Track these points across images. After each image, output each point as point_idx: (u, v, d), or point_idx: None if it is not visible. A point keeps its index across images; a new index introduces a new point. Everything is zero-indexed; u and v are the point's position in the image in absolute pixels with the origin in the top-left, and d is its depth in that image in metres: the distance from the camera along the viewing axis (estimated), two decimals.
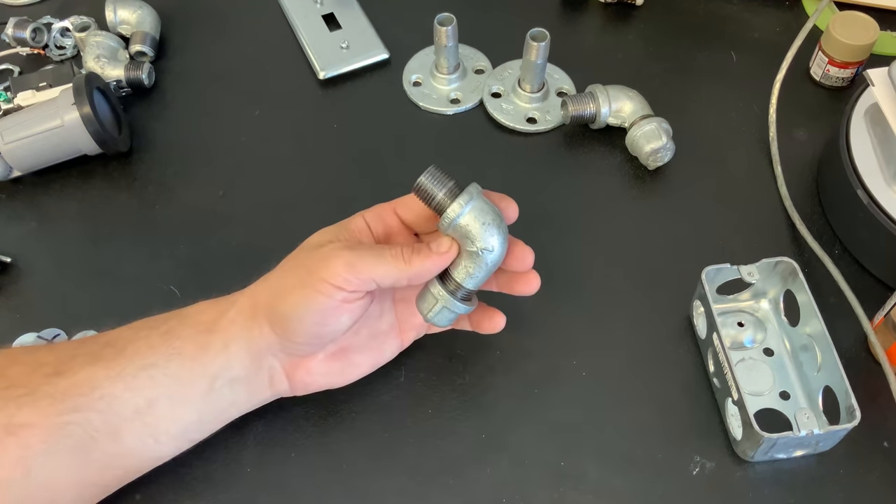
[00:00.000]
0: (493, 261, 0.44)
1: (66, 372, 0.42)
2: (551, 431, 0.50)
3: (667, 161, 0.61)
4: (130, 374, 0.43)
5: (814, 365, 0.50)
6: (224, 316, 0.45)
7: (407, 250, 0.43)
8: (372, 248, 0.44)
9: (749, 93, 0.66)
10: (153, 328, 0.45)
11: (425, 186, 0.43)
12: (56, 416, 0.41)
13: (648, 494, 0.48)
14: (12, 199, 0.62)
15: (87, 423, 0.42)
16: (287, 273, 0.45)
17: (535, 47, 0.61)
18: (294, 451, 0.50)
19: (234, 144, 0.64)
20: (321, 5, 0.72)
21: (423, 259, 0.43)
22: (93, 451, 0.42)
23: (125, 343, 0.44)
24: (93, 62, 0.65)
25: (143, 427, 0.44)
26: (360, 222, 0.46)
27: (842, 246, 0.58)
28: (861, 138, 0.56)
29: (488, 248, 0.44)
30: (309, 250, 0.45)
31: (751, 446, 0.47)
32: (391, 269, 0.43)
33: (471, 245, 0.44)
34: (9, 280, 0.58)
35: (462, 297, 0.45)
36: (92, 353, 0.43)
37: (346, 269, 0.42)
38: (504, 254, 0.45)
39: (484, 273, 0.45)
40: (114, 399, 0.42)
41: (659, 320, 0.55)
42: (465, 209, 0.43)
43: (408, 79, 0.68)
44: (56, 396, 0.42)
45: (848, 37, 0.63)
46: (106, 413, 0.42)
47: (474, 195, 0.43)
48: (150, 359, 0.43)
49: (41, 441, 0.41)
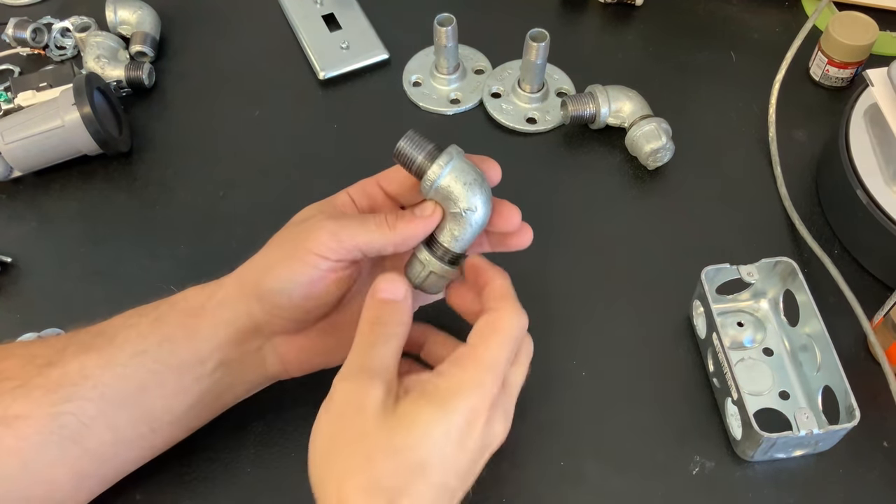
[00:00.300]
0: (477, 221, 0.43)
1: (58, 363, 0.43)
2: (551, 431, 0.50)
3: (666, 161, 0.61)
4: (121, 363, 0.43)
5: (813, 365, 0.50)
6: (212, 299, 0.45)
7: (391, 217, 0.43)
8: (355, 216, 0.44)
9: (749, 93, 0.66)
10: (143, 315, 0.45)
11: (405, 150, 0.43)
12: (49, 406, 0.41)
13: (648, 494, 0.48)
14: (12, 199, 0.62)
15: (81, 413, 0.42)
16: (272, 249, 0.45)
17: (534, 47, 0.61)
18: (294, 451, 0.50)
19: (234, 144, 0.64)
20: (321, 5, 0.72)
21: (406, 223, 0.43)
22: (88, 440, 0.42)
23: (115, 332, 0.44)
24: (93, 62, 0.65)
25: (138, 415, 0.43)
26: (345, 197, 0.46)
27: (841, 246, 0.58)
28: (860, 138, 0.56)
29: (471, 208, 0.43)
30: (293, 226, 0.45)
31: (750, 446, 0.47)
32: (376, 235, 0.42)
33: (454, 206, 0.43)
34: (9, 280, 0.58)
35: (450, 261, 0.44)
36: (83, 343, 0.44)
37: (331, 237, 0.42)
38: (489, 213, 0.44)
39: (470, 234, 0.44)
40: (106, 388, 0.42)
41: (659, 320, 0.55)
42: (445, 170, 0.42)
43: (408, 79, 0.68)
44: (49, 387, 0.42)
45: (847, 37, 0.63)
46: (99, 402, 0.42)
47: (454, 155, 0.43)
48: (140, 346, 0.43)
49: (36, 432, 0.41)
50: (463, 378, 0.39)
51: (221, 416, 0.51)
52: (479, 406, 0.39)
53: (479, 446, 0.40)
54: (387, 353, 0.40)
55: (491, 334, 0.40)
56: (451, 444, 0.38)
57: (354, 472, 0.37)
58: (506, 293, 0.42)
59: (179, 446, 0.50)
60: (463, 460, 0.39)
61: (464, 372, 0.39)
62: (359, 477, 0.37)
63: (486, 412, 0.39)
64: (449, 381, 0.39)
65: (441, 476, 0.38)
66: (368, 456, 0.37)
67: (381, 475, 0.37)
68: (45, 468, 0.42)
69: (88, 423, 0.42)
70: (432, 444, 0.38)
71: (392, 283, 0.42)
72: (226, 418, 0.51)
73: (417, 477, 0.37)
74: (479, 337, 0.41)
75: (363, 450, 0.38)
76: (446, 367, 0.40)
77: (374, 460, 0.37)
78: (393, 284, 0.42)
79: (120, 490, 0.48)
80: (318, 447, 0.40)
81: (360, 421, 0.38)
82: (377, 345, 0.41)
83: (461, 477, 0.39)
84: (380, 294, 0.42)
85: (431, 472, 0.38)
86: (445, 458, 0.38)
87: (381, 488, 0.37)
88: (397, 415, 0.38)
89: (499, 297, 0.42)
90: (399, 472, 0.37)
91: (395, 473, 0.37)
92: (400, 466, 0.37)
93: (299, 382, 0.52)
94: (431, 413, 0.38)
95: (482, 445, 0.40)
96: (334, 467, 0.38)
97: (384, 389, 0.39)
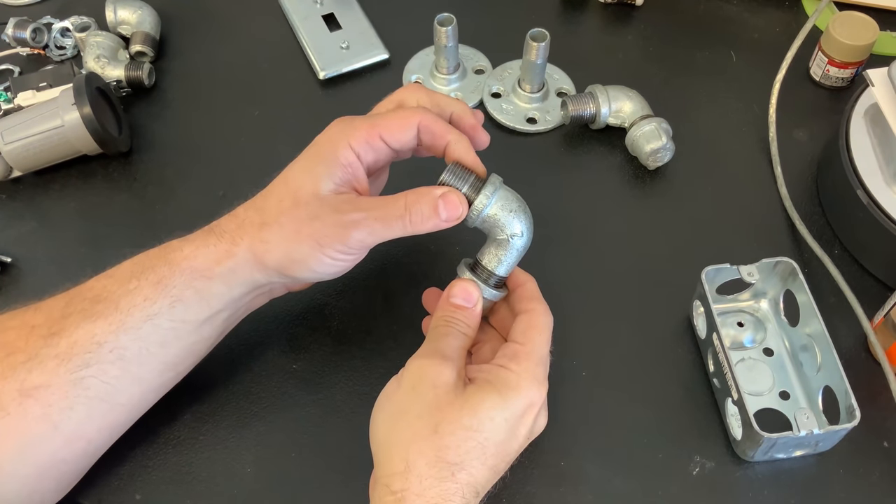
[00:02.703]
0: (522, 245, 0.46)
1: (62, 332, 0.43)
2: (551, 431, 0.50)
3: (667, 161, 0.61)
4: (133, 327, 0.44)
5: (814, 365, 0.50)
6: (221, 265, 0.45)
7: (416, 217, 0.44)
8: (380, 217, 0.44)
9: (749, 93, 0.66)
10: (140, 277, 0.45)
11: (449, 184, 0.45)
12: (68, 373, 0.43)
13: (648, 494, 0.48)
14: (12, 199, 0.62)
15: (103, 374, 0.43)
16: (293, 237, 0.44)
17: (535, 47, 0.61)
18: (294, 451, 0.50)
19: (234, 144, 0.64)
20: (321, 5, 0.72)
21: (424, 222, 0.44)
22: (117, 396, 0.44)
23: (117, 297, 0.44)
24: (93, 62, 0.65)
25: (162, 366, 0.46)
26: (351, 156, 0.46)
27: (841, 246, 0.58)
28: (861, 138, 0.56)
29: (517, 233, 0.46)
30: (311, 206, 0.44)
31: (751, 446, 0.47)
32: (396, 231, 0.45)
33: (500, 233, 0.46)
34: (9, 280, 0.58)
35: (495, 284, 0.47)
36: (84, 311, 0.44)
37: (358, 243, 0.44)
38: (531, 237, 0.47)
39: (515, 258, 0.47)
40: (124, 350, 0.44)
41: (659, 320, 0.55)
42: (491, 200, 0.45)
43: (408, 79, 0.68)
44: (61, 357, 0.43)
45: (848, 37, 0.63)
46: (119, 363, 0.44)
47: (498, 186, 0.45)
48: (149, 310, 0.44)
49: (60, 398, 0.42)
50: (521, 372, 0.43)
51: (221, 416, 0.51)
52: (536, 399, 0.44)
53: (527, 435, 0.44)
54: (457, 346, 0.45)
55: (534, 333, 0.45)
56: (508, 430, 0.42)
57: (422, 438, 0.41)
58: (537, 294, 0.47)
59: (179, 446, 0.50)
60: (513, 446, 0.43)
61: (521, 366, 0.44)
62: (425, 444, 0.41)
63: (538, 405, 0.44)
64: (509, 374, 0.43)
65: (494, 458, 0.42)
66: (436, 428, 0.41)
67: (446, 447, 0.41)
68: (76, 427, 0.43)
69: (113, 383, 0.44)
70: (494, 428, 0.42)
71: (466, 291, 0.46)
72: (226, 418, 0.51)
73: (478, 455, 0.41)
74: (524, 335, 0.45)
75: (433, 422, 0.41)
76: (505, 361, 0.44)
77: (442, 433, 0.41)
78: (466, 292, 0.46)
79: (120, 490, 0.48)
80: (388, 412, 0.43)
81: (433, 396, 0.42)
82: (449, 336, 0.45)
83: (507, 461, 0.44)
84: (453, 300, 0.46)
85: (488, 453, 0.42)
86: (500, 442, 0.42)
87: (444, 460, 0.40)
88: (465, 396, 0.42)
89: (532, 298, 0.47)
90: (462, 447, 0.41)
91: (458, 448, 0.41)
92: (463, 443, 0.41)
93: (300, 384, 0.53)
94: (496, 400, 0.42)
95: (528, 434, 0.44)
96: (404, 433, 0.42)
97: (455, 372, 0.43)
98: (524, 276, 0.48)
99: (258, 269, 0.45)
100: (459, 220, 0.45)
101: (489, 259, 0.46)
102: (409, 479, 0.40)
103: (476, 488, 0.41)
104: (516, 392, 0.43)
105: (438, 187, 0.45)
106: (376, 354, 0.53)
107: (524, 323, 0.46)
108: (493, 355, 0.46)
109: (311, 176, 0.45)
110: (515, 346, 0.45)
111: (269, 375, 0.53)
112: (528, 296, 0.47)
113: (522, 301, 0.47)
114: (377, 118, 0.47)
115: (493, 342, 0.49)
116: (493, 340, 0.49)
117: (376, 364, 0.53)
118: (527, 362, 0.44)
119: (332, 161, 0.45)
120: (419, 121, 0.46)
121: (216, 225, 0.47)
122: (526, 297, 0.47)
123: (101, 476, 0.47)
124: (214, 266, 0.45)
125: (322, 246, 0.44)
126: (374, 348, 0.54)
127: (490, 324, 0.50)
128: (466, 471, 0.41)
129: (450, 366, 0.43)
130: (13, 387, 0.42)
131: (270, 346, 0.53)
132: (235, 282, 0.46)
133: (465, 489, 0.41)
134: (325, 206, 0.44)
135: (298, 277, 0.46)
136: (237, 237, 0.45)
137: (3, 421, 0.42)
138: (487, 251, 0.47)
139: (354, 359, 0.53)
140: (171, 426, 0.50)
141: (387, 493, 0.40)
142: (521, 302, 0.47)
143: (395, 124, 0.46)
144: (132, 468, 0.49)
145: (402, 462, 0.41)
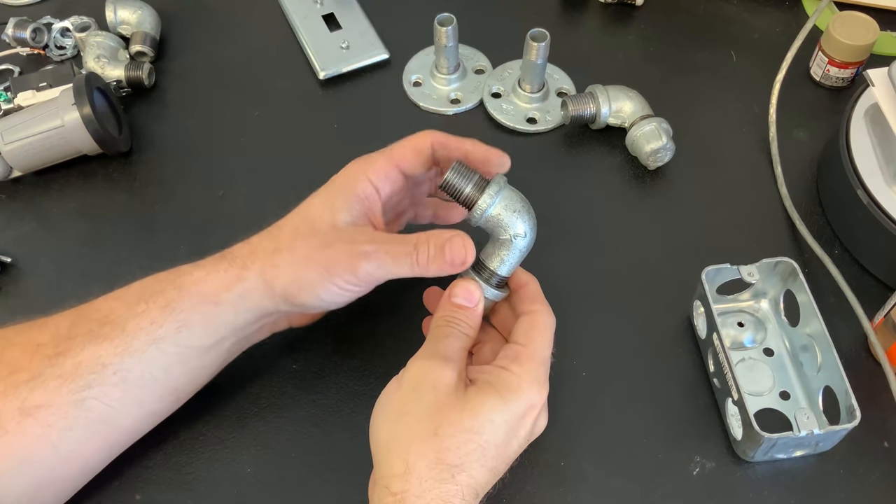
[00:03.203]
0: (525, 246, 0.46)
1: (68, 352, 0.43)
2: (551, 432, 0.50)
3: (667, 161, 0.61)
4: (139, 350, 0.44)
5: (814, 365, 0.50)
6: (231, 290, 0.45)
7: (423, 255, 0.44)
8: (390, 251, 0.44)
9: (749, 93, 0.66)
10: (149, 301, 0.45)
11: (453, 182, 0.45)
12: (70, 394, 0.43)
13: (648, 494, 0.48)
14: (12, 199, 0.62)
15: (104, 397, 0.43)
16: (303, 263, 0.45)
17: (535, 47, 0.61)
18: (294, 452, 0.50)
19: (234, 144, 0.64)
20: (321, 5, 0.72)
21: (439, 266, 0.45)
22: (118, 418, 0.44)
23: (124, 320, 0.44)
24: (93, 62, 0.65)
25: (163, 391, 0.46)
26: (368, 188, 0.47)
27: (842, 246, 0.58)
28: (861, 138, 0.56)
29: (520, 234, 0.46)
30: (326, 235, 0.45)
31: (751, 446, 0.47)
32: (405, 270, 0.45)
33: (503, 233, 0.46)
34: (9, 280, 0.58)
35: (497, 284, 0.47)
36: (91, 332, 0.44)
37: (367, 275, 0.44)
38: (534, 238, 0.47)
39: (517, 258, 0.47)
40: (128, 373, 0.44)
41: (659, 320, 0.55)
42: (495, 200, 0.45)
43: (408, 79, 0.68)
44: (65, 377, 0.43)
45: (848, 37, 0.63)
46: (122, 385, 0.44)
47: (502, 185, 0.45)
48: (155, 334, 0.44)
49: (61, 418, 0.42)
50: (522, 374, 0.43)
51: (221, 416, 0.51)
52: (537, 401, 0.44)
53: (526, 436, 0.44)
54: (458, 346, 0.45)
55: (536, 334, 0.45)
56: (509, 432, 0.43)
57: (423, 440, 0.41)
58: (539, 296, 0.47)
59: (179, 446, 0.50)
60: (513, 447, 0.43)
61: (522, 367, 0.44)
62: (425, 446, 0.41)
63: (539, 407, 0.44)
64: (510, 376, 0.43)
65: (494, 460, 0.42)
66: (437, 430, 0.41)
67: (446, 449, 0.41)
68: (75, 447, 0.43)
69: (115, 405, 0.44)
70: (494, 430, 0.42)
71: (467, 291, 0.46)
72: (226, 418, 0.51)
73: (478, 457, 0.41)
74: (526, 337, 0.45)
75: (433, 424, 0.41)
76: (506, 363, 0.44)
77: (443, 436, 0.41)
78: (468, 292, 0.46)
79: (120, 490, 0.48)
80: (388, 413, 0.43)
81: (433, 397, 0.42)
82: (450, 337, 0.45)
83: (507, 462, 0.44)
84: (454, 299, 0.46)
85: (488, 455, 0.42)
86: (500, 444, 0.42)
87: (444, 462, 0.40)
88: (466, 398, 0.42)
89: (534, 299, 0.47)
90: (462, 449, 0.41)
91: (459, 451, 0.41)
92: (464, 445, 0.41)
93: (300, 384, 0.53)
94: (496, 402, 0.42)
95: (528, 435, 0.45)
96: (404, 434, 0.42)
97: (456, 374, 0.43)
98: (527, 276, 0.48)
99: (266, 294, 0.45)
100: (465, 267, 0.45)
101: (491, 259, 0.46)
102: (408, 481, 0.40)
103: (476, 490, 0.41)
104: (517, 394, 0.43)
105: (448, 231, 0.45)
106: (376, 354, 0.53)
107: (526, 324, 0.46)
108: (493, 356, 0.46)
109: (329, 208, 0.46)
110: (517, 348, 0.45)
111: (269, 375, 0.53)
112: (531, 297, 0.47)
113: (525, 302, 0.47)
114: (391, 149, 0.48)
115: (493, 342, 0.49)
116: (494, 341, 0.49)
117: (376, 364, 0.53)
118: (528, 364, 0.44)
119: (350, 194, 0.46)
120: (431, 140, 0.47)
121: (229, 251, 0.47)
122: (528, 298, 0.47)
123: (101, 476, 0.47)
124: (223, 291, 0.45)
125: (331, 274, 0.44)
126: (374, 348, 0.54)
127: (491, 324, 0.50)
128: (466, 472, 0.41)
129: (451, 367, 0.43)
130: (14, 405, 0.42)
131: (270, 346, 0.53)
132: (243, 307, 0.46)
133: (465, 491, 0.41)
134: (340, 236, 0.45)
135: (305, 304, 0.45)
136: (248, 262, 0.46)
137: (2, 439, 0.42)
138: (490, 251, 0.47)
139: (354, 359, 0.53)
140: (172, 426, 0.50)
141: (386, 495, 0.40)
142: (523, 303, 0.47)
143: (410, 148, 0.48)
144: (132, 468, 0.49)
145: (401, 463, 0.41)
